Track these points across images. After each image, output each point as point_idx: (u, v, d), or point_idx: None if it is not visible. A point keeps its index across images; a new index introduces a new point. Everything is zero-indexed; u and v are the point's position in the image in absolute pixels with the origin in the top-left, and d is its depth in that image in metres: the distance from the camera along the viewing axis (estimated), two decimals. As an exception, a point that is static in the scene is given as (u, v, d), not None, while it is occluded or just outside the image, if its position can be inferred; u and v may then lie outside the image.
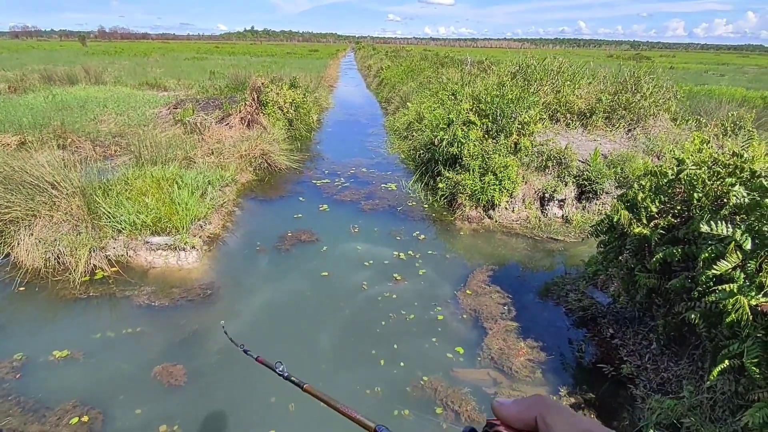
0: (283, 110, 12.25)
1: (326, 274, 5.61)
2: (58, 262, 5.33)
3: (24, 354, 4.03)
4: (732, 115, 8.47)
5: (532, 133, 7.85)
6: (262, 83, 11.75)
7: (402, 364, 4.12)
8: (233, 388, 3.77)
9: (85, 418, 3.40)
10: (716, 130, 8.26)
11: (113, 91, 14.73)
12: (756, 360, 2.62)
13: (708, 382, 3.18)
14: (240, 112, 10.78)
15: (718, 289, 2.94)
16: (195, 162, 8.23)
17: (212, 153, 8.90)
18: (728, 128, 8.04)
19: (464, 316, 4.86)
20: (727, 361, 2.83)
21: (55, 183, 5.61)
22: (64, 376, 3.85)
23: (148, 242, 5.68)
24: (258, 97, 11.32)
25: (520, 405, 0.45)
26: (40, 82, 16.14)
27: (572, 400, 3.76)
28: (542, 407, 0.43)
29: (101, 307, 4.82)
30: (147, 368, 3.94)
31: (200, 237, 6.00)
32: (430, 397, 3.76)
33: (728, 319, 2.80)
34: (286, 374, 1.11)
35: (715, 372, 2.87)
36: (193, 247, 5.73)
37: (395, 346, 4.35)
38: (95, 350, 4.15)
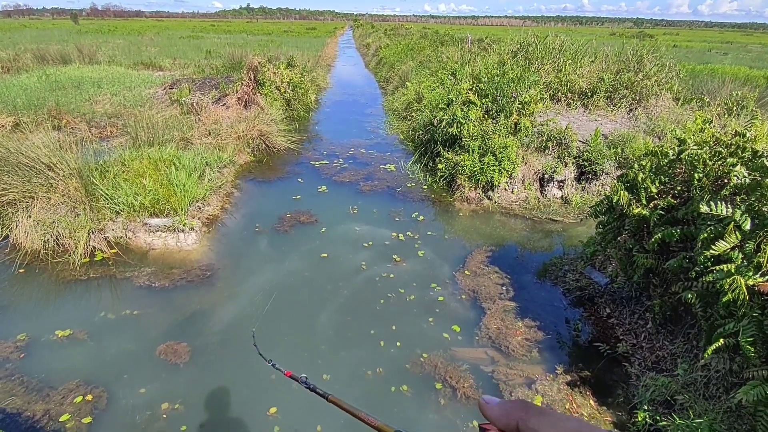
0: (280, 90, 12.09)
1: (325, 255, 5.63)
2: (58, 244, 5.34)
3: (27, 334, 4.07)
4: (735, 94, 8.37)
5: (533, 113, 7.77)
6: (259, 62, 11.55)
7: (398, 343, 4.17)
8: (235, 367, 3.82)
9: (89, 397, 3.46)
10: (719, 109, 8.18)
11: (108, 71, 14.48)
12: (751, 339, 2.66)
13: (702, 361, 3.23)
14: (237, 92, 10.63)
15: (715, 269, 2.96)
16: (192, 143, 8.16)
17: (209, 134, 8.82)
18: (732, 107, 7.96)
19: (463, 296, 4.90)
20: (722, 340, 2.87)
21: (52, 164, 5.57)
22: (68, 355, 3.89)
23: (146, 224, 5.67)
24: (255, 77, 11.15)
25: (502, 408, 0.45)
26: (33, 62, 15.85)
27: (568, 377, 3.82)
28: (522, 412, 0.43)
29: (102, 288, 4.84)
30: (149, 348, 3.99)
31: (199, 218, 5.99)
32: (430, 373, 3.82)
33: (725, 299, 2.82)
34: (311, 386, 1.20)
35: (709, 350, 2.91)
36: (192, 228, 5.73)
37: (393, 327, 4.39)
38: (97, 330, 4.19)
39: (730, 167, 3.44)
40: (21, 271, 5.00)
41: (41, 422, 3.26)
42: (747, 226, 2.90)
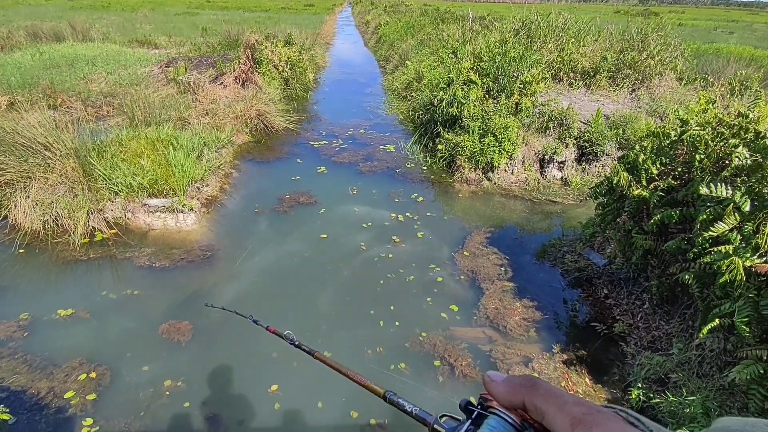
0: (278, 69, 11.89)
1: (325, 236, 5.64)
2: (57, 225, 5.33)
3: (29, 313, 4.10)
4: (739, 74, 8.26)
5: (534, 92, 7.67)
6: (256, 40, 11.33)
7: (398, 323, 4.22)
8: (236, 345, 3.87)
9: (93, 375, 3.51)
10: (722, 89, 8.08)
11: (102, 49, 14.19)
12: (746, 319, 2.69)
13: (697, 340, 3.28)
14: (234, 70, 10.45)
15: (713, 250, 2.97)
16: (190, 123, 8.07)
17: (207, 114, 8.70)
18: (736, 88, 7.86)
19: (462, 277, 4.93)
20: (717, 320, 2.90)
21: (48, 144, 5.52)
22: (71, 334, 3.94)
23: (146, 204, 5.66)
24: (252, 55, 10.95)
25: (508, 385, 0.43)
26: (26, 40, 15.53)
27: (564, 356, 3.88)
28: (530, 389, 0.41)
29: (103, 269, 4.87)
30: (151, 326, 4.04)
31: (198, 199, 5.97)
32: (429, 352, 3.88)
33: (721, 280, 2.84)
34: (296, 342, 1.12)
35: (705, 330, 2.95)
36: (192, 209, 5.72)
37: (393, 307, 4.43)
38: (99, 309, 4.23)
39: (732, 148, 3.42)
40: (21, 251, 5.01)
41: (46, 399, 3.32)
42: (746, 207, 2.90)
